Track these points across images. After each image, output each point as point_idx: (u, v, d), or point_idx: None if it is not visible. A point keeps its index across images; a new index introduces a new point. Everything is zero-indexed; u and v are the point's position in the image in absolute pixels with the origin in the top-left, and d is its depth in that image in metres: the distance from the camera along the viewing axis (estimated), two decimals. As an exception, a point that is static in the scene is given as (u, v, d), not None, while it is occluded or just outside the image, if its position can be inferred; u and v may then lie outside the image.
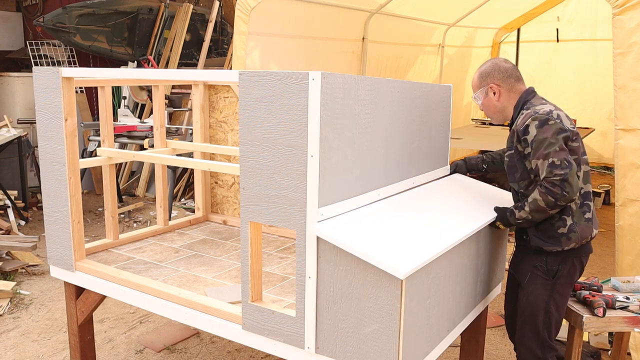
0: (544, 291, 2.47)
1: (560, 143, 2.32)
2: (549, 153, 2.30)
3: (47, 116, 2.74)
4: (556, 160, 2.29)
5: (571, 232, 2.41)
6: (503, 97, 2.55)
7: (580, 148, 2.42)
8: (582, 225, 2.42)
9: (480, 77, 2.58)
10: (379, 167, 2.31)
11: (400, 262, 1.84)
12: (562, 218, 2.42)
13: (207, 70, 3.05)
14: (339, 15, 5.98)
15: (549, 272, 2.46)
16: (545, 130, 2.33)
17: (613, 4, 3.20)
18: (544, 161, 2.32)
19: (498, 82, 2.54)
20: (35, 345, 3.63)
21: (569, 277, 2.49)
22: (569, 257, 2.45)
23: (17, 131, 6.44)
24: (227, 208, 3.79)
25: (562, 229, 2.42)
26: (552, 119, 2.34)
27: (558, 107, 2.45)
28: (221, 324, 2.33)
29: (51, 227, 2.87)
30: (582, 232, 2.42)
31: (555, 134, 2.32)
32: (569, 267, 2.46)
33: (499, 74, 2.54)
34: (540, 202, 2.33)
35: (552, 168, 2.29)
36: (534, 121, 2.35)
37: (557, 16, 8.44)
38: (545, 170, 2.31)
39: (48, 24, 7.39)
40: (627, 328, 2.56)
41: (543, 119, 2.34)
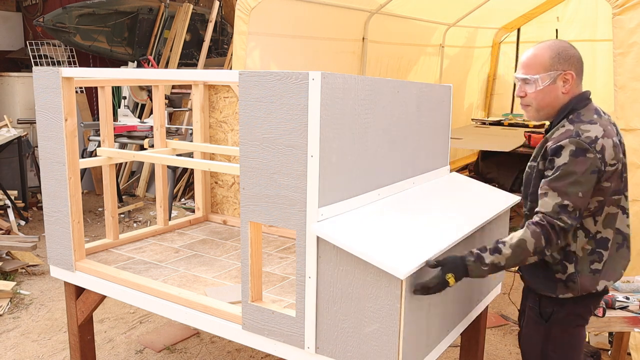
0: (537, 335, 2.15)
1: (588, 187, 1.91)
2: (568, 193, 1.90)
3: (47, 116, 2.74)
4: (570, 206, 1.90)
5: (570, 281, 2.03)
6: (569, 92, 2.04)
7: (611, 188, 1.98)
8: (586, 276, 2.02)
9: (558, 56, 2.02)
10: (379, 167, 2.31)
11: (400, 262, 1.84)
12: (562, 263, 2.03)
13: (207, 70, 3.06)
14: (339, 15, 5.97)
15: (542, 315, 2.12)
16: (579, 163, 1.89)
17: (613, 4, 3.20)
18: (557, 197, 1.91)
19: (574, 72, 2.02)
20: (35, 345, 3.63)
21: (570, 320, 2.10)
22: (566, 303, 2.07)
23: (17, 131, 6.44)
24: (227, 208, 3.79)
25: (559, 274, 2.04)
26: (592, 152, 1.90)
27: (609, 131, 1.97)
28: (221, 324, 2.33)
29: (51, 227, 2.87)
30: (583, 284, 2.02)
31: (588, 171, 1.90)
32: (567, 313, 2.09)
33: (578, 63, 2.03)
34: (528, 245, 1.91)
35: (561, 211, 1.90)
36: (571, 145, 1.90)
37: (556, 16, 8.44)
38: (550, 206, 1.91)
39: (48, 24, 7.38)
40: (627, 328, 2.56)
41: (582, 148, 1.90)
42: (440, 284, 1.90)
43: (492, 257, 1.93)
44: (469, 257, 1.94)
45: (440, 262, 1.92)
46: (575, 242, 2.01)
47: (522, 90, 2.08)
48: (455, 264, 1.93)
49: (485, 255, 1.94)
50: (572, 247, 2.02)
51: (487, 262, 1.93)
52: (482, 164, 7.65)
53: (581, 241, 2.01)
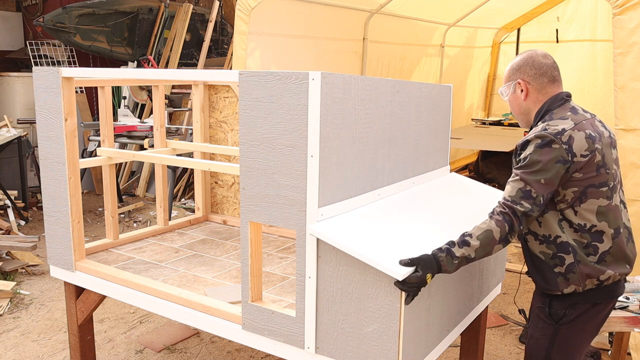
0: (544, 337, 2.13)
1: (551, 175, 1.95)
2: (530, 180, 1.95)
3: (47, 116, 2.74)
4: (533, 192, 1.95)
5: (569, 272, 2.03)
6: (530, 98, 2.15)
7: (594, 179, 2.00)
8: (586, 265, 2.02)
9: (511, 69, 2.19)
10: (379, 167, 2.31)
11: (398, 262, 1.84)
12: (558, 255, 2.04)
13: (207, 70, 3.05)
14: (339, 15, 5.98)
15: (552, 316, 2.11)
16: (544, 152, 1.95)
17: (613, 4, 3.20)
18: (520, 182, 1.96)
19: (528, 79, 2.14)
20: (35, 345, 3.63)
21: (579, 323, 2.09)
22: (577, 303, 2.07)
23: (17, 131, 6.44)
24: (227, 208, 3.79)
25: (558, 267, 2.05)
26: (557, 143, 1.94)
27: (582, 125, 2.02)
28: (221, 324, 2.33)
29: (51, 227, 2.87)
30: (582, 272, 2.02)
31: (553, 161, 1.94)
32: (578, 314, 2.07)
33: (531, 70, 2.14)
34: (495, 234, 1.95)
35: (524, 196, 1.95)
36: (537, 139, 1.97)
37: (556, 16, 8.44)
38: (514, 192, 1.97)
39: (48, 24, 7.39)
40: (627, 328, 2.55)
41: (547, 140, 1.95)
42: (419, 283, 1.87)
43: (462, 249, 1.94)
44: (440, 253, 1.94)
45: (413, 260, 1.88)
46: (564, 233, 2.03)
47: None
48: (429, 261, 1.90)
49: (454, 249, 1.94)
50: (563, 238, 2.03)
51: (458, 255, 1.94)
52: (482, 164, 7.66)
53: (569, 232, 2.03)
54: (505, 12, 8.26)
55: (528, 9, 8.46)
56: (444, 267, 1.93)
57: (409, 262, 1.86)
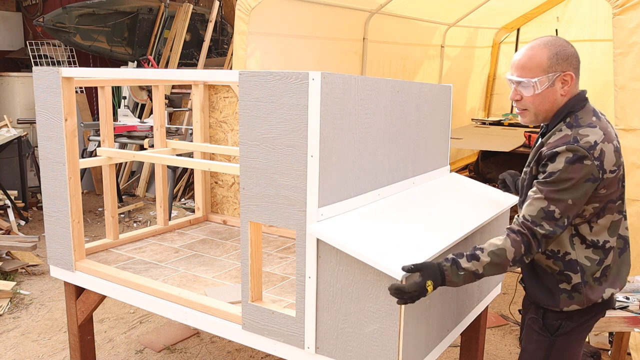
0: (539, 350, 2.00)
1: (580, 194, 1.77)
2: (557, 199, 1.77)
3: (47, 116, 2.74)
4: (557, 213, 1.77)
5: (575, 291, 1.90)
6: (569, 94, 1.90)
7: (613, 195, 1.86)
8: (591, 286, 1.90)
9: (556, 56, 1.85)
10: (379, 167, 2.31)
11: (399, 263, 1.84)
12: (564, 273, 1.90)
13: (207, 70, 3.05)
14: (339, 15, 5.98)
15: (547, 327, 1.98)
16: (575, 170, 1.75)
17: (613, 4, 3.20)
18: (543, 201, 1.78)
19: (573, 72, 1.86)
20: (35, 345, 3.63)
21: (575, 335, 1.98)
22: (574, 316, 1.95)
23: (17, 131, 6.44)
24: (227, 208, 3.79)
25: (564, 284, 1.91)
26: (590, 159, 1.76)
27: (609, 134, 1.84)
28: (221, 324, 2.33)
29: (51, 227, 2.87)
30: (588, 295, 1.90)
31: (583, 179, 1.76)
32: (575, 326, 1.96)
33: (576, 62, 1.87)
34: (508, 254, 1.80)
35: (546, 217, 1.78)
36: (568, 153, 1.76)
37: (556, 17, 8.44)
38: (535, 211, 1.79)
39: (48, 24, 7.39)
40: (627, 328, 2.55)
41: (580, 154, 1.75)
42: (419, 292, 1.76)
43: (469, 263, 1.81)
44: (445, 262, 1.82)
45: (417, 266, 1.79)
46: (574, 250, 1.89)
47: (517, 93, 1.92)
48: (433, 270, 1.80)
49: (462, 261, 1.82)
50: (572, 256, 1.89)
51: (464, 267, 1.81)
52: (482, 164, 7.65)
53: (580, 249, 1.89)
54: (505, 12, 8.26)
55: (528, 9, 8.46)
56: (448, 277, 1.81)
57: (412, 268, 1.78)
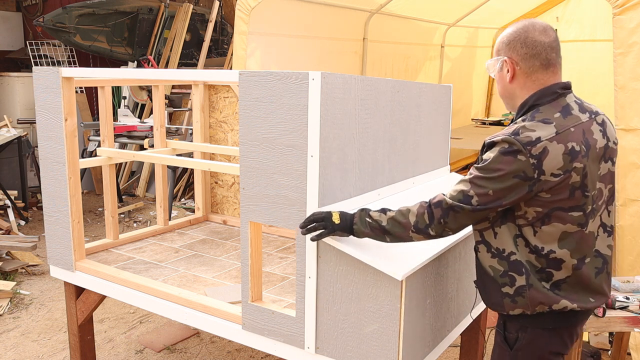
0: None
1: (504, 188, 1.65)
2: (478, 185, 1.68)
3: (47, 116, 2.74)
4: (475, 199, 1.69)
5: (518, 295, 1.75)
6: (517, 82, 1.77)
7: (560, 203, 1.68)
8: (537, 291, 1.74)
9: (501, 42, 1.79)
10: (379, 167, 2.31)
11: (399, 264, 1.84)
12: (509, 274, 1.76)
13: (207, 70, 3.06)
14: (339, 15, 5.98)
15: (507, 340, 1.85)
16: (505, 161, 1.64)
17: (613, 4, 3.20)
18: (467, 184, 1.70)
19: (516, 58, 1.75)
20: (35, 345, 3.63)
21: (536, 350, 1.80)
22: (528, 326, 1.80)
23: (17, 131, 6.44)
24: (227, 208, 3.79)
25: (507, 287, 1.77)
26: (525, 154, 1.62)
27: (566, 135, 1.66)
28: (221, 324, 2.33)
29: (51, 227, 2.87)
30: (533, 300, 1.74)
31: (511, 174, 1.63)
32: (531, 339, 1.80)
33: (522, 48, 1.74)
34: (410, 215, 1.77)
35: (462, 197, 1.70)
36: (503, 143, 1.65)
37: (556, 17, 8.44)
38: (456, 191, 1.72)
39: (48, 24, 7.39)
40: (627, 328, 2.55)
41: (515, 148, 1.63)
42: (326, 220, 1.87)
43: (377, 213, 1.85)
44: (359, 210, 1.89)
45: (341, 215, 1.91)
46: (518, 251, 1.75)
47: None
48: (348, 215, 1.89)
49: (372, 210, 1.87)
50: (517, 256, 1.75)
51: (372, 215, 1.85)
52: (482, 164, 7.64)
53: (523, 251, 1.74)
54: (505, 12, 8.26)
55: (528, 9, 8.46)
56: (355, 219, 1.87)
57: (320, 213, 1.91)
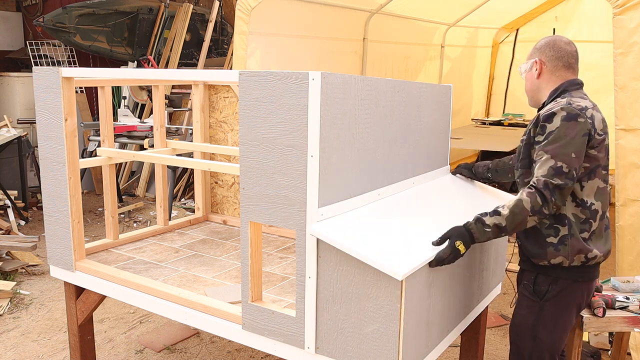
0: (530, 314, 2.22)
1: (580, 147, 2.04)
2: (561, 154, 2.02)
3: (47, 116, 2.74)
4: (564, 167, 2.01)
5: (561, 244, 2.12)
6: (543, 77, 2.26)
7: (601, 160, 2.12)
8: (577, 240, 2.12)
9: (534, 48, 2.31)
10: (379, 167, 2.31)
11: (399, 263, 1.84)
12: (553, 226, 2.14)
13: (207, 70, 3.05)
14: (339, 15, 5.98)
15: (536, 293, 2.21)
16: (571, 126, 2.03)
17: (613, 4, 3.20)
18: (550, 159, 2.02)
19: (544, 59, 2.25)
20: (35, 345, 3.63)
21: (562, 300, 2.19)
22: (559, 278, 2.17)
23: (17, 131, 6.44)
24: (227, 208, 3.79)
25: (551, 237, 2.14)
26: (583, 117, 2.05)
27: (597, 108, 2.16)
28: (221, 324, 2.33)
29: (51, 227, 2.87)
30: (573, 248, 2.12)
31: (580, 133, 2.04)
32: (560, 290, 2.18)
33: (550, 52, 2.25)
34: (525, 204, 2.01)
35: (556, 173, 2.01)
36: (563, 112, 2.05)
37: (555, 16, 8.43)
38: (546, 170, 2.02)
39: (48, 24, 7.39)
40: (627, 328, 2.55)
41: (574, 113, 2.04)
42: (453, 254, 1.99)
43: (492, 218, 2.03)
44: (471, 222, 2.05)
45: (444, 236, 2.03)
46: (565, 205, 2.11)
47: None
48: (459, 231, 2.03)
49: (486, 218, 2.04)
50: (562, 210, 2.11)
51: (488, 223, 2.03)
52: (482, 164, 7.63)
53: (570, 205, 2.12)
54: (505, 12, 8.26)
55: (528, 9, 8.46)
56: (475, 235, 2.03)
57: (439, 240, 2.01)
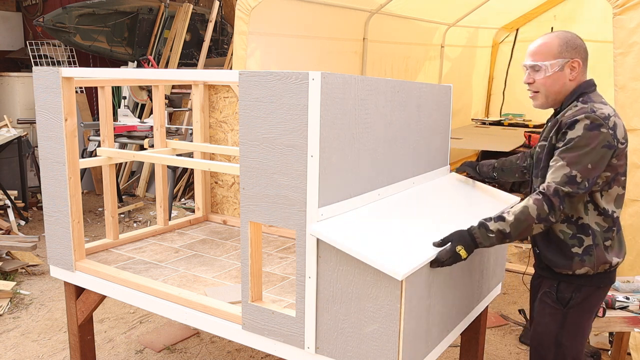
0: (553, 322, 2.17)
1: (598, 158, 1.97)
2: (577, 163, 1.96)
3: (47, 116, 2.74)
4: (579, 177, 1.96)
5: (586, 254, 2.08)
6: (576, 79, 2.14)
7: (620, 168, 2.07)
8: (601, 250, 2.09)
9: (566, 45, 2.11)
10: (379, 167, 2.31)
11: (399, 263, 1.84)
12: (577, 236, 2.09)
13: (207, 70, 3.06)
14: (339, 15, 5.98)
15: (559, 300, 2.15)
16: (593, 136, 1.96)
17: (613, 4, 3.20)
18: (566, 167, 1.97)
19: (580, 60, 2.12)
20: (35, 345, 3.63)
21: (585, 306, 2.15)
22: (583, 285, 2.12)
23: (17, 131, 6.44)
24: (227, 208, 3.79)
25: (576, 248, 2.09)
26: (606, 127, 1.98)
27: (617, 114, 2.08)
28: (221, 324, 2.33)
29: (51, 227, 2.87)
30: (599, 258, 2.09)
31: (600, 144, 1.97)
32: (584, 297, 2.13)
33: (584, 52, 2.14)
34: (531, 211, 1.97)
35: (568, 182, 1.96)
36: (586, 120, 1.98)
37: (553, 15, 8.42)
38: (559, 176, 1.97)
39: (48, 24, 7.39)
40: (627, 328, 2.55)
41: (597, 123, 1.97)
42: (453, 257, 1.96)
43: (497, 224, 1.98)
44: (474, 227, 2.01)
45: (446, 238, 1.99)
46: (587, 215, 2.07)
47: (530, 77, 2.16)
48: (462, 235, 1.99)
49: (489, 223, 2.00)
50: (585, 220, 2.07)
51: (492, 229, 1.98)
52: (482, 164, 7.63)
53: (592, 215, 2.07)
54: (505, 12, 8.26)
55: (528, 9, 8.46)
56: (478, 240, 1.99)
57: (441, 242, 1.98)
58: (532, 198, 1.99)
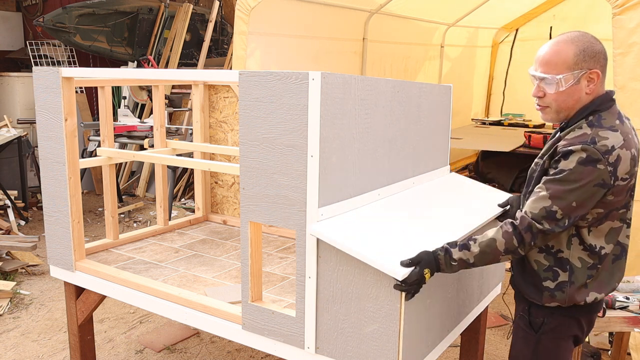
0: (526, 347, 2.01)
1: (586, 197, 1.74)
2: (561, 198, 1.74)
3: (47, 116, 2.74)
4: (559, 214, 1.75)
5: (558, 290, 1.89)
6: (594, 92, 1.83)
7: (618, 203, 1.81)
8: (577, 288, 1.88)
9: (583, 53, 1.78)
10: (379, 167, 2.31)
11: (399, 263, 1.84)
12: (553, 269, 1.89)
13: (207, 70, 3.06)
14: (339, 15, 5.98)
15: (532, 325, 1.99)
16: (585, 172, 1.71)
17: (613, 3, 3.20)
18: (548, 199, 1.76)
19: (600, 70, 1.80)
20: (35, 345, 3.63)
21: (560, 332, 1.96)
22: (556, 312, 1.94)
23: (17, 131, 6.44)
24: (227, 208, 3.79)
25: (549, 282, 1.90)
26: (604, 163, 1.71)
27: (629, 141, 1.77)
28: (221, 324, 2.33)
29: (51, 227, 2.87)
30: (571, 295, 1.88)
31: (592, 183, 1.72)
32: (557, 324, 1.95)
33: (604, 59, 1.81)
34: (498, 244, 1.81)
35: (547, 217, 1.76)
36: (582, 152, 1.72)
37: (553, 15, 8.43)
38: (538, 208, 1.78)
39: (48, 24, 7.39)
40: (627, 328, 2.55)
41: (595, 157, 1.71)
42: (419, 280, 1.81)
43: (460, 253, 1.85)
44: (440, 252, 1.87)
45: (414, 260, 1.83)
46: (569, 250, 1.87)
47: (540, 90, 1.87)
48: (429, 259, 1.84)
49: (454, 250, 1.86)
50: (565, 254, 1.88)
51: (455, 257, 1.85)
52: (482, 164, 7.65)
53: (576, 249, 1.87)
54: (504, 12, 8.26)
55: (528, 9, 8.46)
56: (441, 265, 1.87)
57: (409, 263, 1.82)
58: (502, 230, 1.82)
